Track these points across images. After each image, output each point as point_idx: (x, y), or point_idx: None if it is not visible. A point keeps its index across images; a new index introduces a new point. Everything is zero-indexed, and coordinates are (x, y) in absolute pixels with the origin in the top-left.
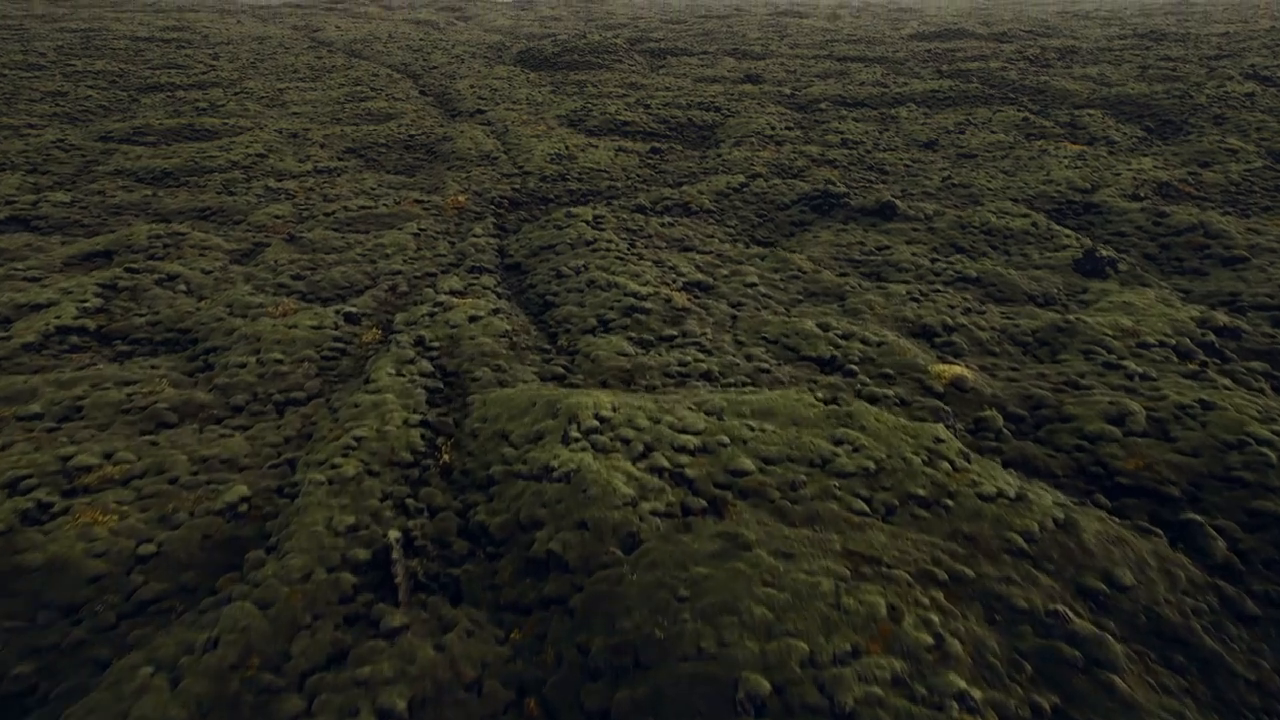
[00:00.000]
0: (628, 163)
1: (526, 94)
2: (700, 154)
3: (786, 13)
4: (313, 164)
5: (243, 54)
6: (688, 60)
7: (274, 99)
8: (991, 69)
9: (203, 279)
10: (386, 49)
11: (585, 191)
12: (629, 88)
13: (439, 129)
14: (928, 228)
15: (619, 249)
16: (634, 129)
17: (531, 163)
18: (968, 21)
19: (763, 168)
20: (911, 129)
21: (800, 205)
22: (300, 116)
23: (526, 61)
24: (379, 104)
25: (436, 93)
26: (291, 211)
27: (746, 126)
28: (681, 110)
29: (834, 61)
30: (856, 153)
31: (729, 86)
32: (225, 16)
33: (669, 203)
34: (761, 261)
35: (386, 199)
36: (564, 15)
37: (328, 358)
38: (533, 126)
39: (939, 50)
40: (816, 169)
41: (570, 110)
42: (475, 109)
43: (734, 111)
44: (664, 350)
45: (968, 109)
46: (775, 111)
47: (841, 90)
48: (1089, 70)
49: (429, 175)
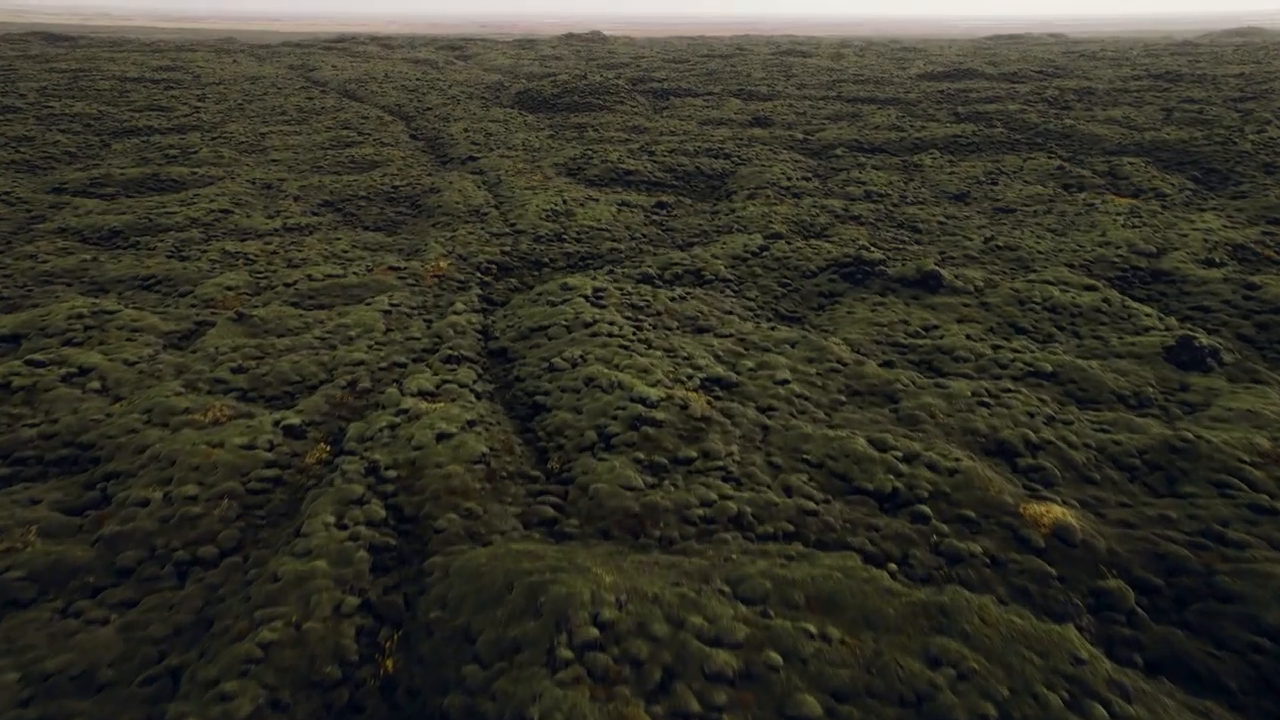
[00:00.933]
0: (631, 220)
1: (523, 139)
2: (711, 208)
3: (789, 52)
4: (282, 221)
5: (232, 95)
6: (692, 101)
7: (254, 144)
8: (1010, 111)
9: (123, 373)
10: (381, 89)
11: (584, 255)
12: (632, 131)
13: (426, 179)
14: (979, 302)
15: (623, 333)
16: (638, 178)
17: (525, 220)
18: (974, 61)
19: (782, 225)
20: (938, 178)
21: (829, 273)
22: (278, 165)
23: (525, 103)
24: (365, 150)
25: (428, 136)
26: (247, 281)
27: (760, 176)
28: (689, 157)
29: (844, 103)
30: (883, 207)
31: (737, 130)
32: (223, 56)
33: (679, 269)
34: (792, 349)
35: (358, 265)
36: (565, 54)
37: (256, 491)
38: (528, 177)
39: (951, 91)
40: (841, 226)
41: (569, 158)
42: (467, 155)
43: (745, 159)
44: (681, 480)
45: (994, 155)
46: (789, 159)
47: (857, 134)
48: (1112, 113)
49: (410, 234)
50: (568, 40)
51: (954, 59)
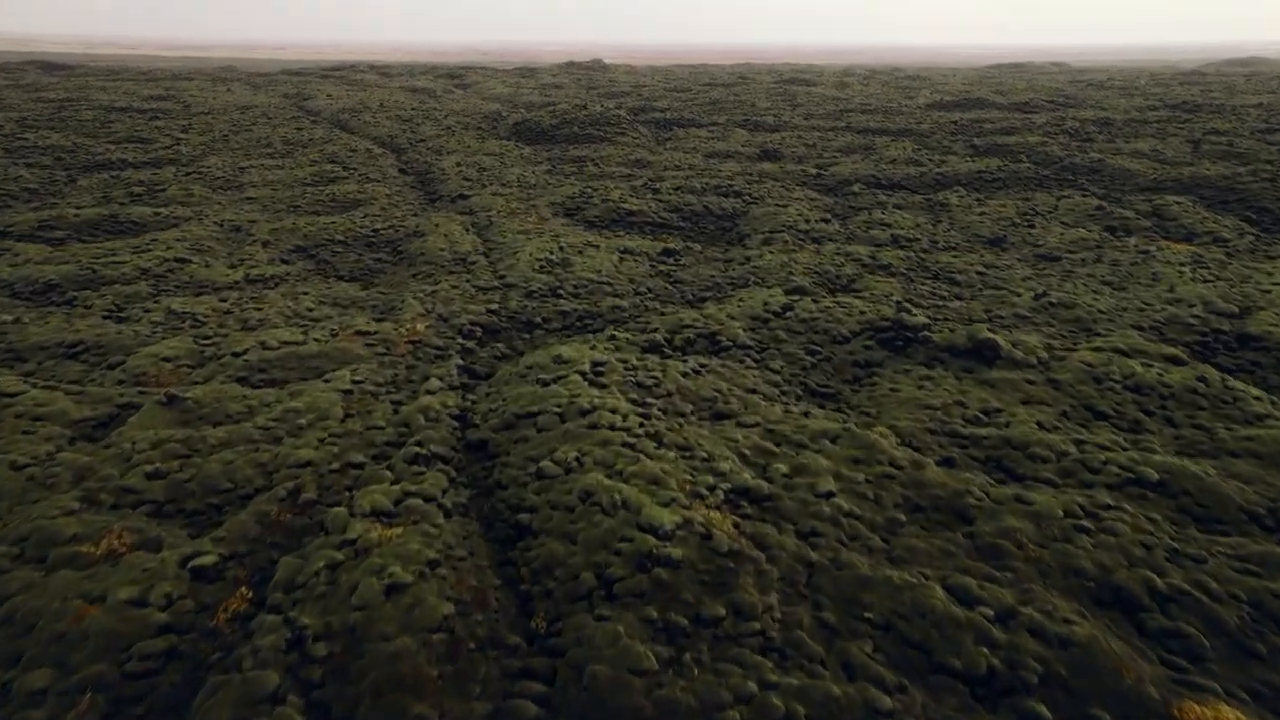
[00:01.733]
0: (635, 270)
1: (518, 174)
2: (723, 254)
3: (793, 80)
4: (245, 271)
5: (218, 125)
6: (696, 132)
7: (230, 180)
8: (1031, 144)
9: (7, 480)
10: (374, 119)
11: (582, 314)
12: (634, 165)
13: (411, 220)
14: (1046, 378)
15: (627, 424)
16: (642, 220)
17: (516, 270)
18: (981, 90)
19: (804, 277)
20: (968, 219)
21: (865, 338)
22: (252, 204)
23: (522, 134)
24: (348, 187)
25: (419, 171)
26: (190, 351)
27: (775, 218)
28: (696, 196)
29: (855, 134)
30: (913, 254)
31: (746, 164)
32: (218, 84)
33: (691, 333)
34: (833, 444)
35: (323, 327)
36: (565, 83)
37: (135, 676)
38: (522, 218)
39: (964, 122)
40: (871, 278)
41: (567, 196)
42: (458, 193)
43: (757, 197)
44: (706, 653)
45: (1024, 193)
46: (803, 196)
47: (874, 170)
48: (1138, 145)
49: (388, 286)
50: (568, 69)
51: (961, 88)
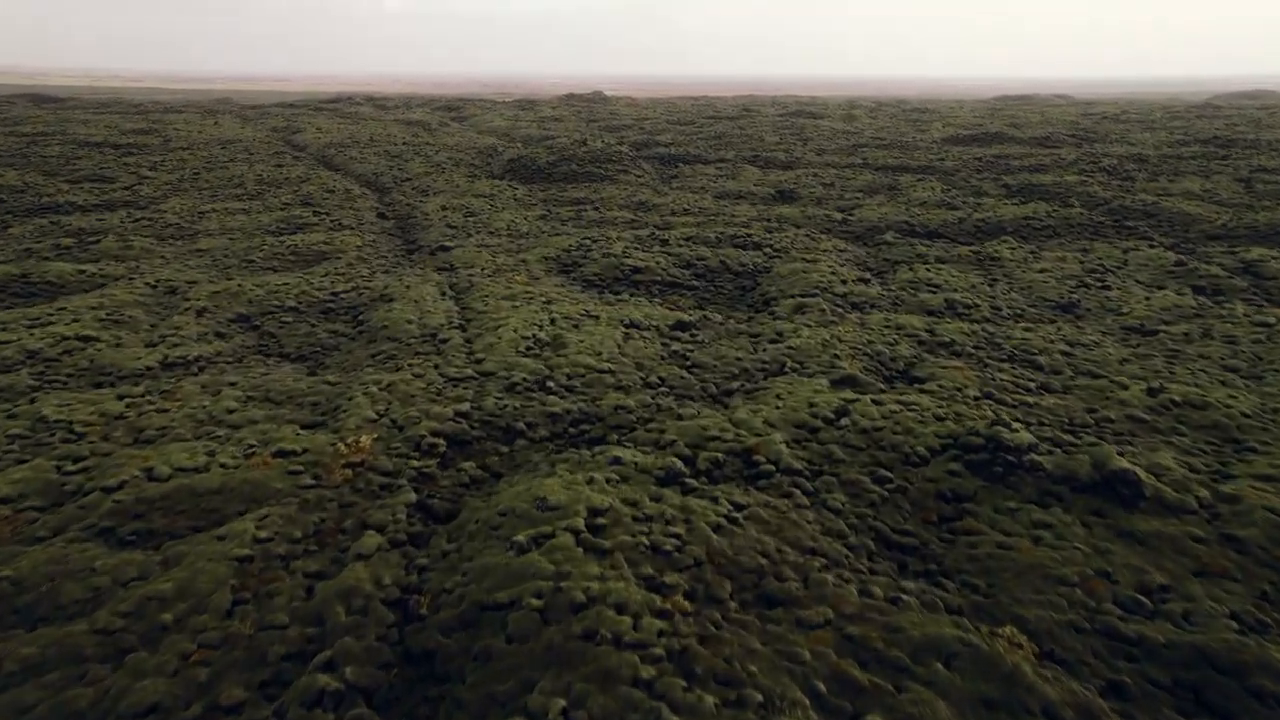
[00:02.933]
0: (643, 351)
1: (509, 220)
2: (748, 325)
3: (798, 113)
4: (165, 351)
5: (193, 162)
6: (704, 170)
7: (184, 228)
8: (1069, 183)
9: None
10: (361, 155)
11: (577, 416)
12: (638, 208)
13: (379, 280)
14: (1219, 534)
15: (641, 638)
16: (649, 279)
17: (496, 352)
18: (993, 123)
19: (852, 360)
20: (1028, 277)
21: (948, 459)
22: (201, 257)
23: (517, 172)
24: (315, 236)
25: (400, 214)
26: (44, 484)
27: (803, 276)
28: (710, 248)
29: (874, 172)
30: (978, 326)
31: (761, 208)
32: (208, 117)
33: (719, 451)
34: (948, 671)
35: (240, 441)
36: (565, 115)
37: None
38: (508, 277)
39: (987, 158)
40: (935, 361)
41: (562, 249)
42: (439, 244)
43: (779, 248)
44: None
45: (1081, 242)
46: (831, 247)
47: (905, 214)
48: (1186, 185)
49: (339, 372)
50: (568, 101)
51: (972, 120)
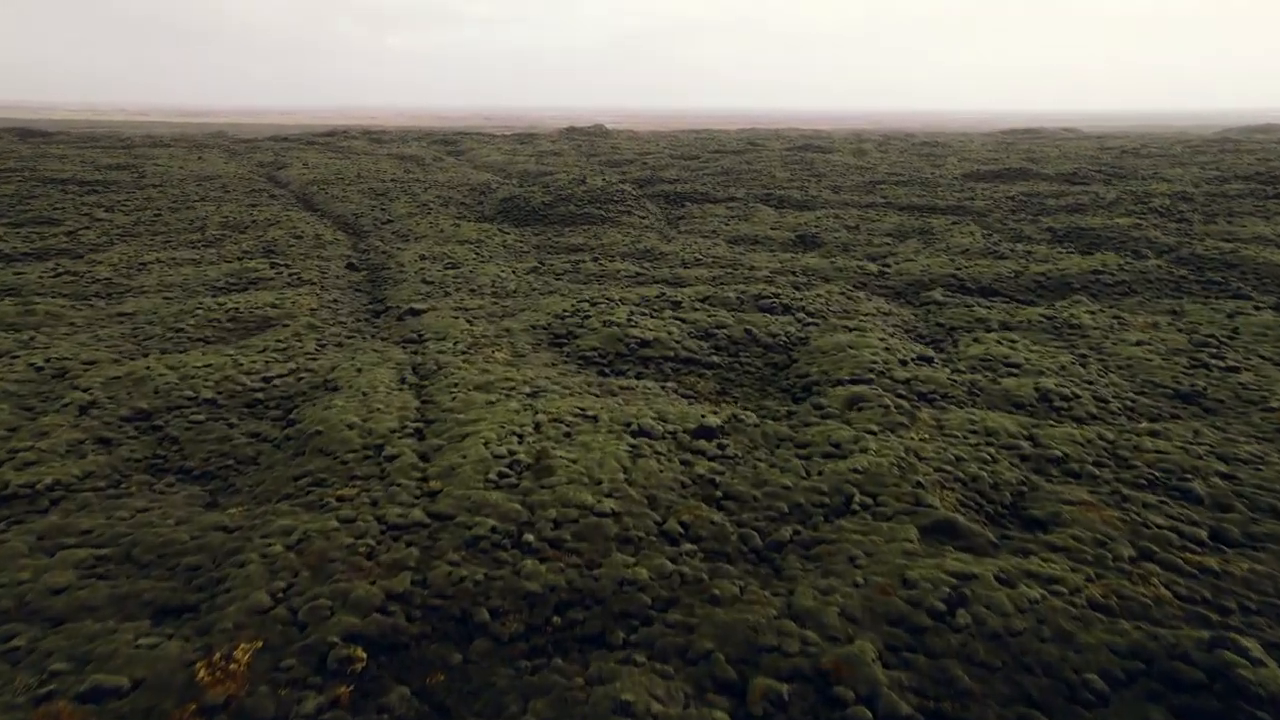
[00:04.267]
0: (657, 476)
1: (495, 274)
2: (790, 427)
3: (806, 147)
4: (8, 474)
5: (160, 201)
6: (713, 210)
7: (115, 284)
8: (1121, 227)
9: None
10: (344, 193)
11: (566, 596)
12: (643, 258)
13: (325, 359)
14: None
15: None
16: (660, 355)
17: (458, 481)
18: (1010, 157)
19: (941, 491)
20: (1124, 352)
21: (1139, 699)
22: (119, 325)
23: (509, 213)
24: (265, 296)
25: (373, 265)
26: None
27: (851, 355)
28: (731, 311)
29: (900, 213)
30: (1090, 430)
31: (783, 257)
32: (195, 151)
33: (780, 667)
34: None
35: (38, 668)
36: (565, 150)
37: None
38: (486, 355)
39: (1019, 198)
40: (1053, 492)
41: (555, 315)
42: (409, 306)
43: (813, 311)
44: None
45: (1166, 301)
46: (874, 309)
47: (949, 266)
48: (1257, 228)
49: (240, 510)
50: (569, 134)
51: (986, 154)
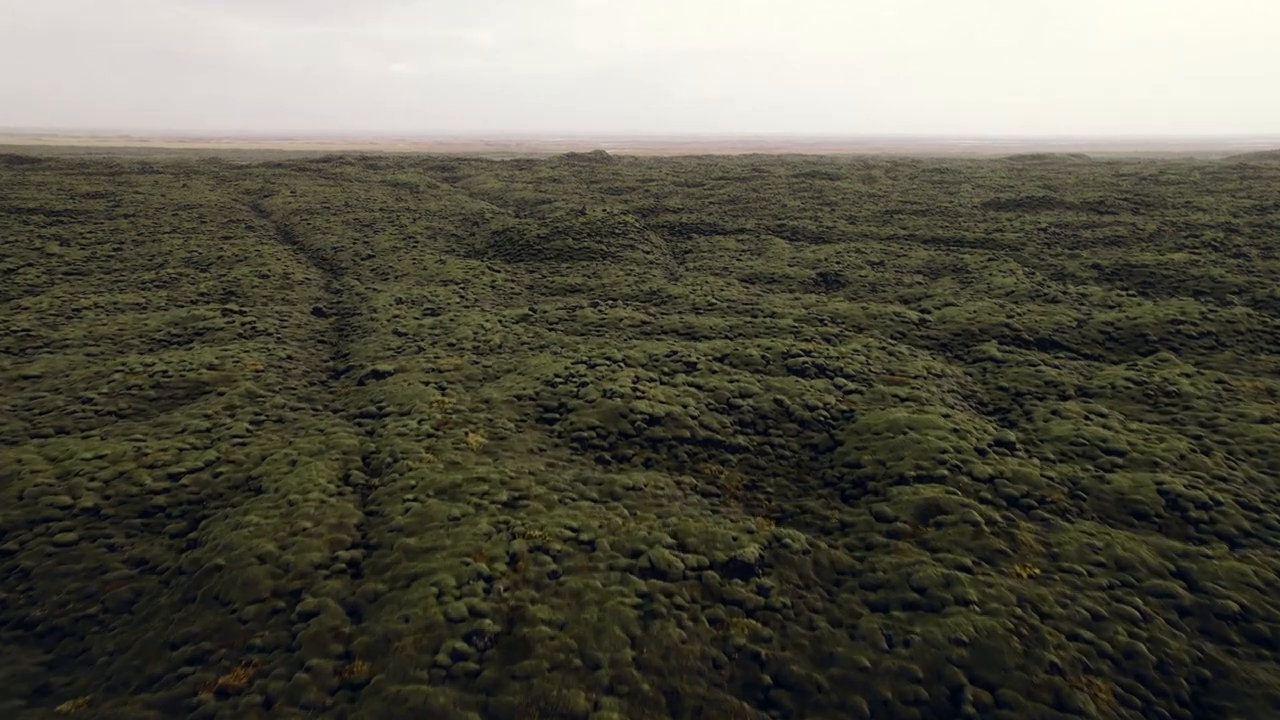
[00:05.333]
0: (677, 652)
1: (477, 324)
2: (849, 550)
3: (812, 174)
4: None
5: (124, 233)
6: (722, 242)
7: (31, 337)
8: (1177, 263)
9: None
10: (327, 224)
11: None
12: (650, 303)
13: (257, 444)
14: None
15: None
16: (672, 437)
17: (394, 663)
18: (1026, 185)
19: (1081, 673)
20: (1253, 432)
21: None
22: (20, 392)
23: (502, 247)
24: (205, 355)
25: (343, 310)
26: None
27: (912, 441)
28: (756, 373)
29: (925, 246)
30: (1256, 557)
31: (807, 300)
32: (182, 178)
33: None
34: None
35: None
36: (564, 176)
37: None
38: (458, 438)
39: (1051, 229)
40: (1249, 683)
41: (544, 380)
42: (372, 365)
43: (853, 373)
44: None
45: (1265, 357)
46: (923, 369)
47: (999, 313)
48: None
49: (80, 709)
50: (569, 160)
51: (1001, 181)
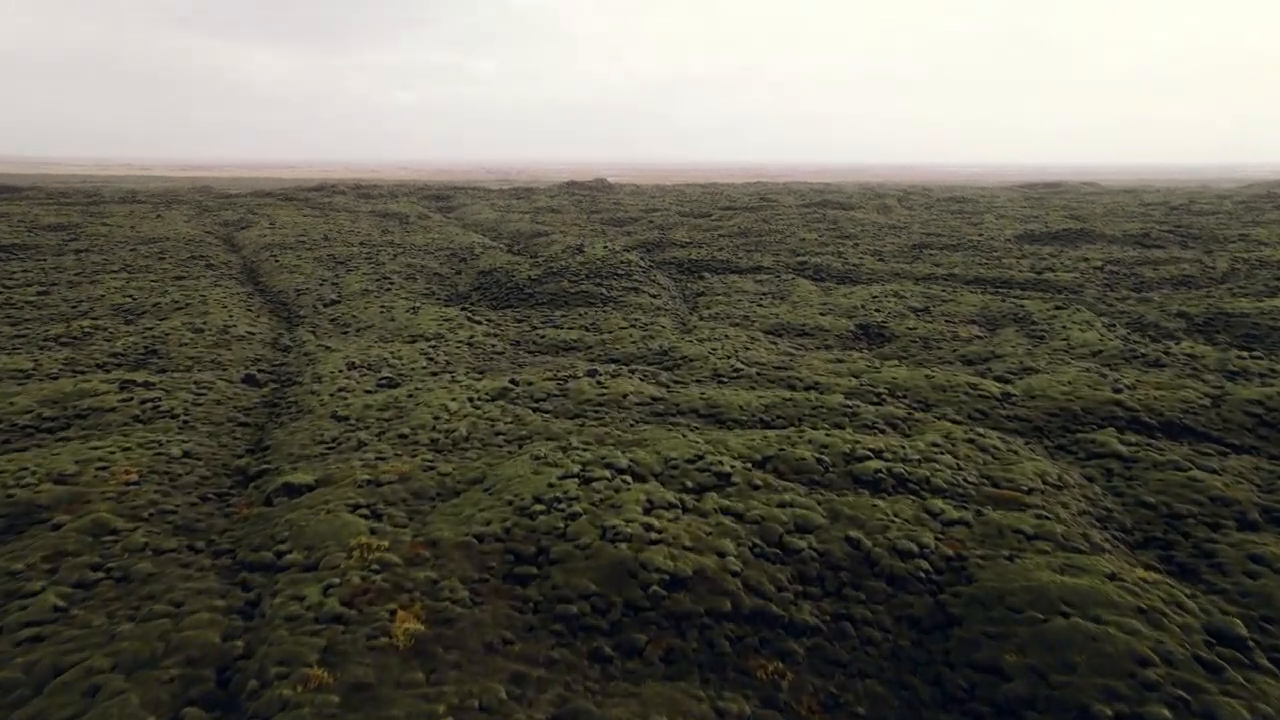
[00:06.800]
0: None
1: (441, 404)
2: None
3: (823, 203)
4: None
5: (64, 273)
6: (739, 283)
7: None
8: (1274, 310)
9: None
10: (298, 261)
11: None
12: (661, 365)
13: (46, 653)
14: None
15: None
16: (704, 611)
17: None
18: (1049, 215)
19: None
20: None
21: None
22: None
23: (488, 289)
24: (60, 461)
25: (283, 376)
26: None
27: (1083, 637)
28: (813, 492)
29: (973, 290)
30: None
31: (854, 364)
32: (159, 208)
33: None
34: None
35: None
36: (564, 206)
37: None
38: (373, 615)
39: (1108, 269)
40: None
41: (519, 507)
42: (290, 473)
43: (944, 485)
44: None
45: None
46: (1035, 475)
47: (1104, 387)
48: None
49: None
50: (569, 189)
51: (1023, 211)
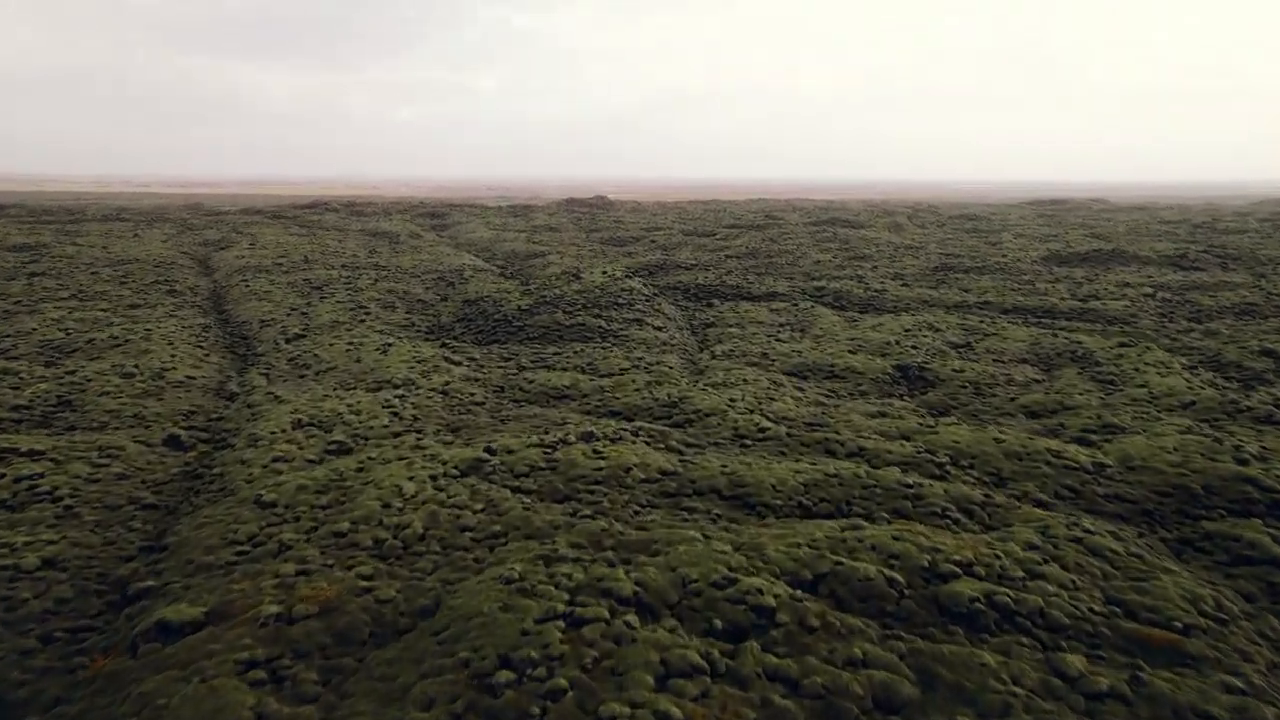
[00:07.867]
0: None
1: (395, 484)
2: None
3: (831, 221)
4: None
5: (3, 299)
6: (752, 312)
7: None
8: None
9: None
10: (271, 285)
11: None
12: (669, 420)
13: None
14: None
15: None
16: None
17: None
18: (1069, 234)
19: None
20: None
21: None
22: None
23: (473, 320)
24: None
25: (215, 436)
26: None
27: None
28: (888, 634)
29: (1015, 321)
30: None
31: (901, 420)
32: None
33: None
34: None
35: None
36: (563, 225)
37: None
38: None
39: (1161, 297)
40: None
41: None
42: (171, 604)
43: (1070, 630)
44: None
45: None
46: (1179, 596)
47: (1223, 454)
48: None
49: None
50: (568, 207)
51: (1042, 231)
